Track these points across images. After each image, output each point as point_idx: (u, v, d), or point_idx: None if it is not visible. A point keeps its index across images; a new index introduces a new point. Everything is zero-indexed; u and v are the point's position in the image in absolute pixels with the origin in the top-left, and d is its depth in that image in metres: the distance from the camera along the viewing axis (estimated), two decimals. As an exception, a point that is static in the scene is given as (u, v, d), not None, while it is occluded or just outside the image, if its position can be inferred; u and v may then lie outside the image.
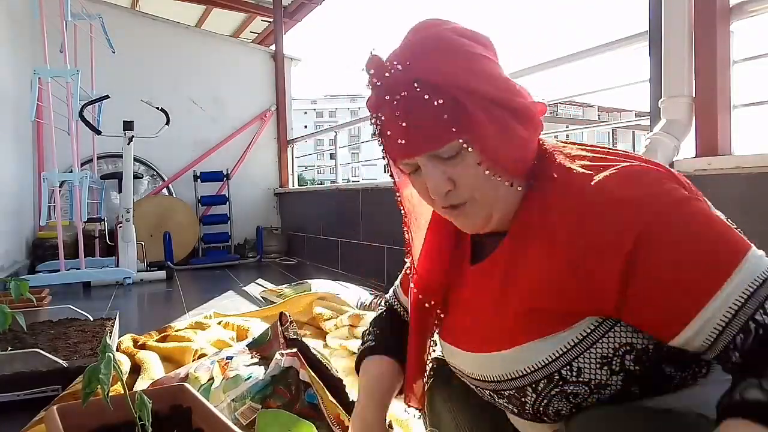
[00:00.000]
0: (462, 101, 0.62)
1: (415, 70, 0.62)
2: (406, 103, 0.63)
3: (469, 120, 0.62)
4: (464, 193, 0.67)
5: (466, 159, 0.64)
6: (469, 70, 0.62)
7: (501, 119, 0.63)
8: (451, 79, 0.62)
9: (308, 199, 5.13)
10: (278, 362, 1.22)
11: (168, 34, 5.36)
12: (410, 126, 0.63)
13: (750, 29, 1.68)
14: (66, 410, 0.80)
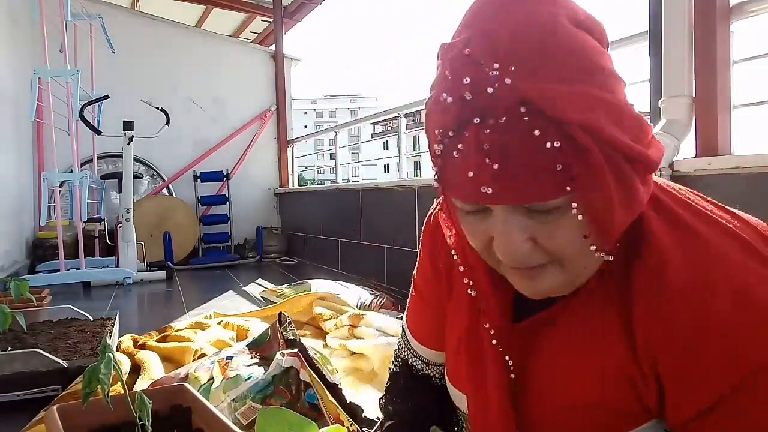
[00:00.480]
0: (590, 149, 0.43)
1: (525, 86, 0.43)
2: (506, 135, 0.43)
3: (593, 177, 0.44)
4: (545, 256, 0.50)
5: (567, 221, 0.47)
6: (600, 101, 0.44)
7: (626, 178, 0.46)
8: (577, 113, 0.43)
9: (308, 199, 5.13)
10: (279, 362, 1.22)
11: (168, 34, 5.36)
12: (503, 170, 0.44)
13: (750, 29, 1.68)
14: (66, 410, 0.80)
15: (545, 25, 0.45)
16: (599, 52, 0.46)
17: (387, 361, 1.72)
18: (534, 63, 0.43)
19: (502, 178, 0.44)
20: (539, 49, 0.44)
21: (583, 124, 0.43)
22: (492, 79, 0.43)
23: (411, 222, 3.04)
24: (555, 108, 0.42)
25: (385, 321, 2.00)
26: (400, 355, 0.87)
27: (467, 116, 0.44)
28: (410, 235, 3.04)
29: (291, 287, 3.01)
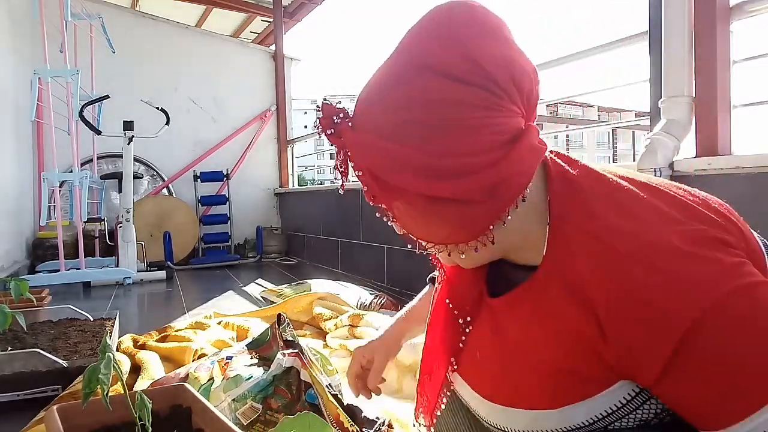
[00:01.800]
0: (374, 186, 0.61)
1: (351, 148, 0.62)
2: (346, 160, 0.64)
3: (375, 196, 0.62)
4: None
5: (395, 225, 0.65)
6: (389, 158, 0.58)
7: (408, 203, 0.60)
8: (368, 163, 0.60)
9: (308, 199, 5.13)
10: (280, 362, 1.22)
11: (168, 34, 5.36)
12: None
13: (750, 29, 1.68)
14: (66, 410, 0.80)
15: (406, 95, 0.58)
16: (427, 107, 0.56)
17: (387, 361, 1.72)
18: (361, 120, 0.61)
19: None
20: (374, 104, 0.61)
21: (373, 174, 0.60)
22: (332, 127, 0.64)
23: (411, 222, 3.04)
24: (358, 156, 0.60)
25: (385, 321, 2.00)
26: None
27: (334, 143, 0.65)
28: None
29: (291, 287, 3.01)
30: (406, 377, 1.63)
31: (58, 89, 3.75)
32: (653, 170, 1.64)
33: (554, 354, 0.59)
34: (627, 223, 0.56)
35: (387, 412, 1.41)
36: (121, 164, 4.10)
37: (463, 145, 0.56)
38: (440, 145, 0.56)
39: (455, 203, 0.58)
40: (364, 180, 0.61)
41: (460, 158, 0.56)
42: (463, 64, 0.55)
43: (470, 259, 0.66)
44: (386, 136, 0.57)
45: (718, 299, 0.49)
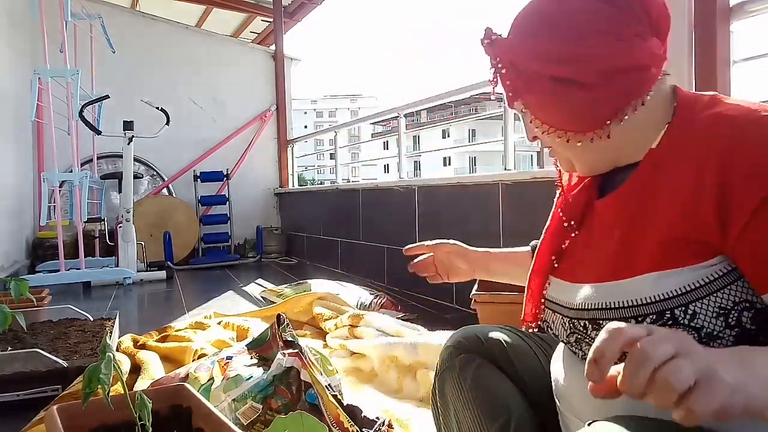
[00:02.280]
0: (512, 74, 0.73)
1: (499, 48, 0.74)
2: (495, 68, 0.75)
3: (517, 89, 0.73)
4: (544, 142, 0.77)
5: (526, 117, 0.76)
6: (526, 48, 0.71)
7: (545, 89, 0.70)
8: (510, 56, 0.72)
9: (308, 199, 5.13)
10: (280, 362, 1.22)
11: (168, 34, 5.36)
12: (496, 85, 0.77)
13: (750, 29, 1.68)
14: (66, 410, 0.80)
15: (535, 10, 0.72)
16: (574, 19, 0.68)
17: (387, 361, 1.72)
18: (508, 32, 0.74)
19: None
20: (517, 26, 0.73)
21: (512, 62, 0.72)
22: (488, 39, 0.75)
23: (411, 222, 3.04)
24: (505, 54, 0.73)
25: (385, 321, 2.00)
26: None
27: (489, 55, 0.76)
28: (410, 235, 3.03)
29: (291, 287, 3.01)
30: (406, 377, 1.63)
31: (58, 89, 3.75)
32: (653, 170, 1.64)
33: (665, 227, 0.65)
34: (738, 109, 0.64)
35: (387, 412, 1.41)
36: (121, 164, 4.10)
37: (584, 37, 0.68)
38: (565, 36, 0.68)
39: (577, 86, 0.68)
40: (507, 76, 0.73)
41: (580, 47, 0.68)
42: None
43: (586, 163, 0.75)
44: (525, 32, 0.72)
45: None
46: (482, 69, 0.88)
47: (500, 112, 2.63)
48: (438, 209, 2.87)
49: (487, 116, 3.62)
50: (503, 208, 2.38)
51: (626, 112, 0.69)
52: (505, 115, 2.58)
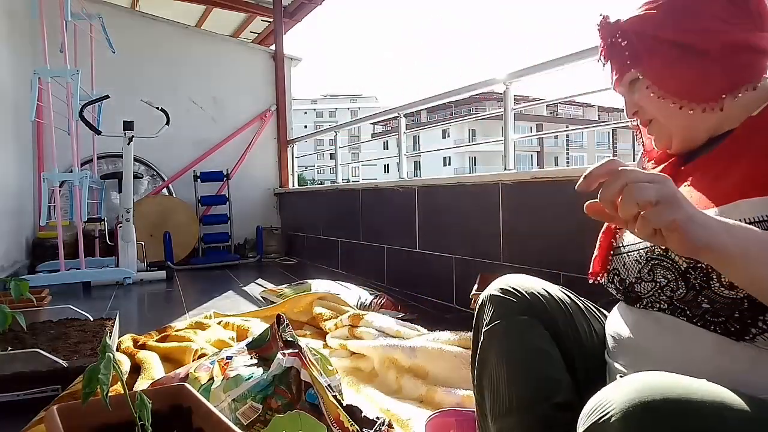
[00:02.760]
0: (633, 41, 0.78)
1: (623, 22, 0.79)
2: (611, 44, 0.81)
3: (638, 56, 0.77)
4: (647, 114, 0.81)
5: (641, 87, 0.79)
6: (654, 20, 0.76)
7: (667, 54, 0.75)
8: (634, 27, 0.78)
9: (308, 199, 5.13)
10: (280, 362, 1.22)
11: (168, 34, 5.36)
12: (611, 62, 0.82)
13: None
14: (66, 410, 0.80)
15: None
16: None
17: (387, 362, 1.72)
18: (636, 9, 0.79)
19: (612, 68, 0.83)
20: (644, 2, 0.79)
21: (636, 30, 0.78)
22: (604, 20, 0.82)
23: (411, 222, 3.04)
24: (628, 26, 0.79)
25: (385, 321, 2.00)
26: None
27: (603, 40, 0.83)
28: (410, 235, 3.03)
29: (291, 287, 3.01)
30: (405, 377, 1.63)
31: (58, 89, 3.75)
32: (653, 170, 1.64)
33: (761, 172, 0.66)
34: None
35: (387, 412, 1.41)
36: (121, 164, 4.10)
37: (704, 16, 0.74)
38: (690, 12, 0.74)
39: (699, 55, 0.73)
40: (629, 45, 0.78)
41: (704, 22, 0.74)
42: None
43: (687, 136, 0.78)
44: (650, 8, 0.77)
45: None
46: (482, 69, 0.88)
47: (500, 112, 2.63)
48: (438, 209, 2.87)
49: (487, 116, 3.62)
50: (503, 208, 2.38)
51: (741, 90, 0.74)
52: (505, 115, 2.58)
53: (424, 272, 2.95)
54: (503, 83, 2.56)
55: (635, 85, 0.80)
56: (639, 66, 0.78)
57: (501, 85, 2.59)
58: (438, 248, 2.84)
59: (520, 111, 5.41)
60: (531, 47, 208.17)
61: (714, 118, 0.75)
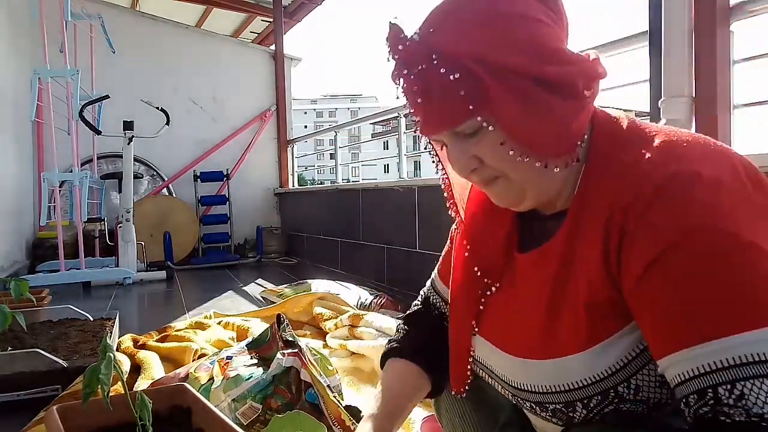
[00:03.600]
0: (480, 75, 0.56)
1: (434, 41, 0.58)
2: (423, 77, 0.58)
3: (488, 96, 0.56)
4: (492, 171, 0.62)
5: (488, 137, 0.59)
6: (494, 40, 0.56)
7: (528, 94, 0.56)
8: (469, 50, 0.56)
9: (308, 199, 5.13)
10: (280, 362, 1.22)
11: (168, 34, 5.36)
12: (426, 102, 0.59)
13: (750, 29, 1.68)
14: (66, 410, 0.80)
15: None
16: (528, 10, 0.58)
17: (387, 361, 1.72)
18: (446, 24, 0.58)
19: (427, 111, 0.60)
20: (456, 14, 0.58)
21: (478, 57, 0.56)
22: (406, 39, 0.59)
23: (411, 222, 3.04)
24: (455, 49, 0.56)
25: (385, 321, 2.00)
26: (423, 294, 0.94)
27: (401, 69, 0.60)
28: (410, 235, 3.03)
29: (291, 287, 3.01)
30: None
31: (58, 89, 3.75)
32: (653, 170, 1.64)
33: (586, 288, 0.59)
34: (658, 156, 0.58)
35: (387, 412, 1.41)
36: (121, 164, 4.10)
37: (554, 39, 0.59)
38: (544, 33, 0.58)
39: (559, 96, 0.58)
40: (467, 79, 0.56)
41: (562, 46, 0.59)
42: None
43: (543, 193, 0.64)
44: (486, 22, 0.57)
45: (704, 229, 0.51)
46: None
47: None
48: (438, 209, 2.87)
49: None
50: (503, 208, 2.37)
51: (586, 132, 0.62)
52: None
53: (424, 272, 2.95)
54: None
55: (477, 135, 0.60)
56: (487, 112, 0.57)
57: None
58: (438, 248, 2.83)
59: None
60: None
61: (566, 172, 0.63)
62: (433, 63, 0.57)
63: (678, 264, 0.51)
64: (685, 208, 0.52)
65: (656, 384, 0.58)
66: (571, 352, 0.60)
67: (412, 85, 0.59)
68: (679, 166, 0.55)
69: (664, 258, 0.52)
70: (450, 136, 0.62)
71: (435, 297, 0.89)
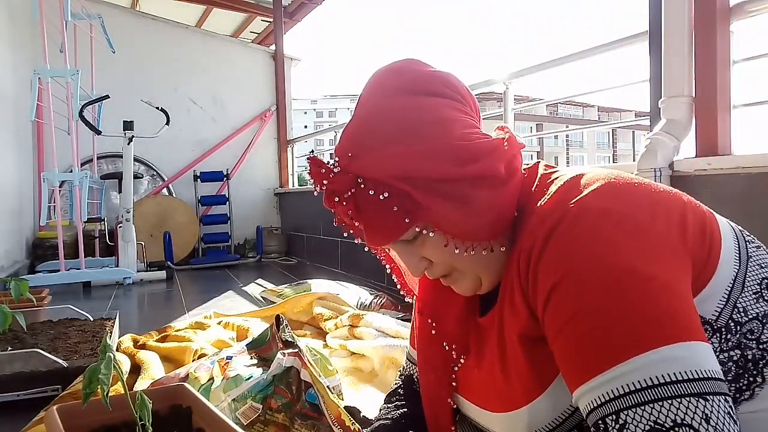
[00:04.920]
0: (407, 190, 0.59)
1: (356, 167, 0.61)
2: (354, 201, 0.62)
3: (419, 207, 0.60)
4: (443, 267, 0.67)
5: (431, 241, 0.63)
6: (412, 155, 0.59)
7: (456, 195, 0.60)
8: (391, 170, 0.59)
9: (308, 199, 5.13)
10: (280, 362, 1.22)
11: (168, 34, 5.36)
12: (364, 222, 0.63)
13: (750, 29, 1.68)
14: (66, 410, 0.80)
15: (380, 108, 0.62)
16: (422, 109, 0.61)
17: (387, 362, 1.72)
18: (362, 146, 0.61)
19: (368, 231, 0.64)
20: (366, 133, 0.61)
21: (400, 176, 0.59)
22: (327, 172, 0.62)
23: (411, 222, 3.03)
24: (378, 172, 0.60)
25: (385, 321, 2.00)
26: (403, 371, 0.96)
27: (332, 198, 0.63)
28: (410, 235, 3.03)
29: (291, 287, 3.01)
30: (406, 377, 1.63)
31: (58, 89, 3.75)
32: (653, 170, 1.64)
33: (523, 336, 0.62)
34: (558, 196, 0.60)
35: (387, 412, 1.41)
36: (121, 164, 4.10)
37: (468, 133, 0.61)
38: (457, 132, 0.60)
39: (486, 187, 0.60)
40: (392, 192, 0.59)
41: (474, 141, 0.61)
42: (434, 81, 0.62)
43: (494, 272, 0.67)
44: (401, 139, 0.60)
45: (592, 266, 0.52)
46: (482, 69, 0.83)
47: (500, 112, 2.63)
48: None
49: (487, 116, 3.62)
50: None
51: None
52: (505, 114, 2.58)
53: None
54: (503, 83, 2.56)
55: (418, 240, 0.64)
56: (423, 220, 0.61)
57: (501, 85, 2.59)
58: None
59: (520, 111, 5.40)
60: (531, 47, 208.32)
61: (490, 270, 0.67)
62: (361, 187, 0.61)
63: (567, 299, 0.53)
64: (575, 243, 0.54)
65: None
66: (534, 395, 0.62)
67: (347, 210, 0.63)
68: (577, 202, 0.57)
69: (554, 296, 0.54)
70: (396, 244, 0.66)
71: (414, 371, 0.92)
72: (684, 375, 0.47)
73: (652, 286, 0.50)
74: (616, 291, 0.51)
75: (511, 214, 0.64)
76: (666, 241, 0.54)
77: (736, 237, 0.62)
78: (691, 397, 0.46)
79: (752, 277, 0.60)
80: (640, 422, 0.47)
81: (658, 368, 0.48)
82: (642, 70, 1.92)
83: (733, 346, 0.57)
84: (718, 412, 0.46)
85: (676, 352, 0.48)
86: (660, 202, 0.58)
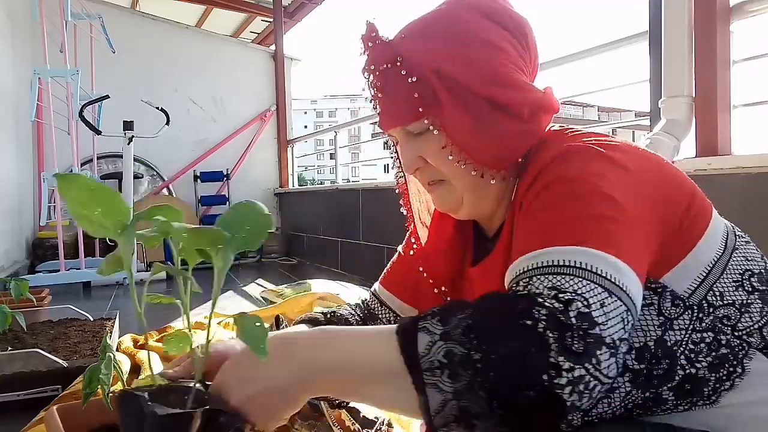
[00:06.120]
0: (434, 83, 0.63)
1: (401, 46, 0.65)
2: (386, 75, 0.66)
3: (438, 103, 0.64)
4: (434, 172, 0.69)
5: (433, 140, 0.66)
6: (455, 56, 0.63)
7: (474, 107, 0.63)
8: (430, 60, 0.64)
9: (308, 199, 5.13)
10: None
11: (168, 34, 5.36)
12: (384, 98, 0.67)
13: (750, 29, 1.68)
14: (66, 410, 0.80)
15: (450, 14, 0.66)
16: (493, 35, 0.65)
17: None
18: (418, 34, 0.66)
19: (385, 108, 0.68)
20: (431, 27, 0.66)
21: (436, 68, 0.63)
22: (376, 38, 0.66)
23: (411, 222, 3.04)
24: (419, 57, 0.64)
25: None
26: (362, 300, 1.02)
27: (369, 64, 0.67)
28: (410, 235, 3.03)
29: (291, 287, 3.01)
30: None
31: (58, 89, 3.75)
32: (653, 170, 1.63)
33: None
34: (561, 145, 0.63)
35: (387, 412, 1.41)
36: (121, 164, 4.10)
37: (510, 66, 0.64)
38: (501, 60, 0.64)
39: (503, 115, 0.64)
40: (425, 84, 0.63)
41: (515, 74, 0.64)
42: (505, 14, 0.67)
43: (478, 203, 0.70)
44: (450, 39, 0.64)
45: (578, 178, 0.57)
46: None
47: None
48: (438, 209, 2.87)
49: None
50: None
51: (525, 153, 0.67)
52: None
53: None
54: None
55: (423, 135, 0.67)
56: (436, 118, 0.65)
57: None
58: (438, 248, 2.84)
59: (520, 111, 5.38)
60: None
61: (503, 187, 0.70)
62: (397, 65, 0.65)
63: (546, 192, 0.58)
64: (569, 164, 0.59)
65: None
66: None
67: (376, 81, 0.67)
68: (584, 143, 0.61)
69: (537, 183, 0.60)
70: (402, 134, 0.69)
71: (375, 304, 0.97)
72: (603, 273, 0.50)
73: (619, 214, 0.54)
74: (588, 202, 0.55)
75: (515, 156, 0.66)
76: (650, 196, 0.58)
77: (726, 228, 0.64)
78: (598, 286, 0.49)
79: (735, 266, 0.61)
80: (543, 282, 0.50)
81: (585, 258, 0.50)
82: (642, 70, 1.92)
83: (706, 327, 0.58)
84: (614, 308, 0.48)
85: (608, 259, 0.51)
86: (663, 165, 0.62)
